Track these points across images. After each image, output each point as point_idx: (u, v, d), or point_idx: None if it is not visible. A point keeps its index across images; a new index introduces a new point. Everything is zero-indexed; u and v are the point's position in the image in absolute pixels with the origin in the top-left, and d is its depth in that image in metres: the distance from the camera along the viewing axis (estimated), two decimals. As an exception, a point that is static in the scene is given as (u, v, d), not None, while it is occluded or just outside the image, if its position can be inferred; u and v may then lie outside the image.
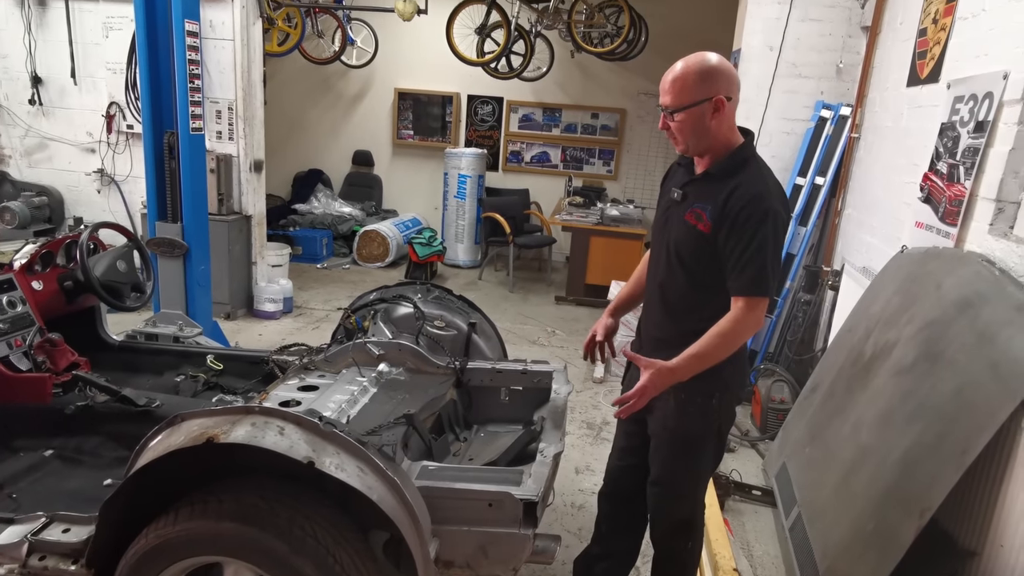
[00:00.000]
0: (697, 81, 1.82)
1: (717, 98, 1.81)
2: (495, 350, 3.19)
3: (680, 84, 1.83)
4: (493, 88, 8.26)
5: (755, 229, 1.80)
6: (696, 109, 1.82)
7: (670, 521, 2.17)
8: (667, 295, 2.03)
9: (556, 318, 6.15)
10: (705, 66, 1.83)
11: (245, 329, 5.36)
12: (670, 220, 2.02)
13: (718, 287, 1.89)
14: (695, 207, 1.91)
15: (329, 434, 1.72)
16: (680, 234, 1.95)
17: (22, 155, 5.88)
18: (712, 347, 1.83)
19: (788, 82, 4.47)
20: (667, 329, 2.05)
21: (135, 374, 3.28)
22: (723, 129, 1.86)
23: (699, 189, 1.93)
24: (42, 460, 2.53)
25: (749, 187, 1.83)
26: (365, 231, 7.62)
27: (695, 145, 1.90)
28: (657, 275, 2.07)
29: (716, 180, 1.88)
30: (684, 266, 1.96)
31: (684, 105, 1.83)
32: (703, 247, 1.89)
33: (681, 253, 1.96)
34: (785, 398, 3.88)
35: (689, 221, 1.91)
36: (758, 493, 3.21)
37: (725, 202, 1.83)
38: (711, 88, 1.81)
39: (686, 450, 2.06)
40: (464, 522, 1.91)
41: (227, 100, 5.26)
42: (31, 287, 2.82)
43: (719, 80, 1.83)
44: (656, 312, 2.09)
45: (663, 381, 1.85)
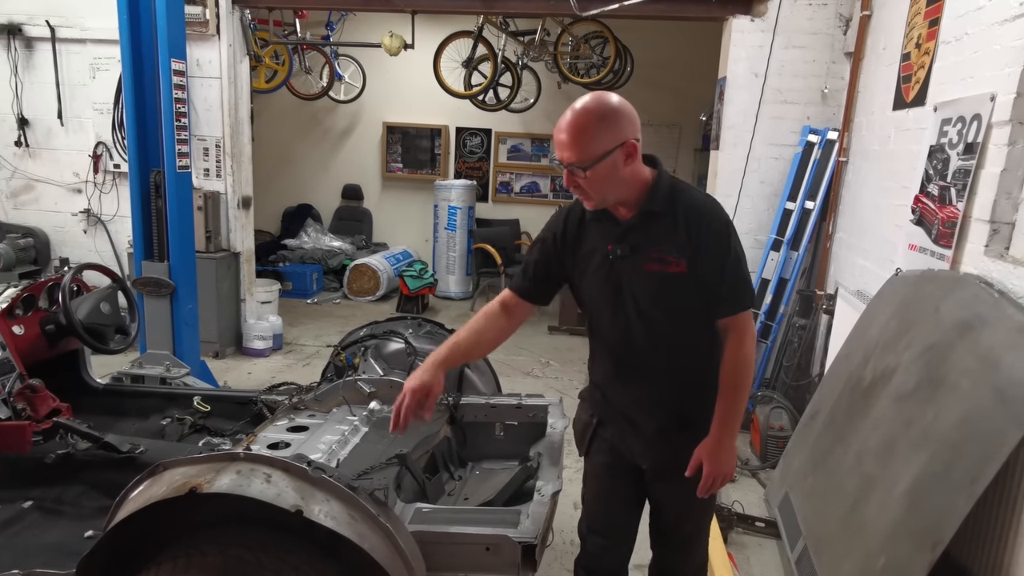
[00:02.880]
0: (602, 130, 1.62)
1: (628, 143, 1.63)
2: (488, 384, 3.14)
3: (584, 136, 1.62)
4: (481, 120, 8.31)
5: (726, 244, 1.72)
6: (607, 160, 1.62)
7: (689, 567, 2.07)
8: (650, 354, 1.82)
9: (550, 348, 6.09)
10: (605, 109, 1.63)
11: (234, 368, 5.27)
12: (623, 280, 1.78)
13: (701, 321, 1.78)
14: (654, 253, 1.73)
15: (318, 480, 1.65)
16: (650, 287, 1.76)
17: (8, 197, 5.83)
18: (737, 390, 1.76)
19: (774, 108, 4.51)
20: (662, 387, 1.86)
21: (120, 418, 3.19)
22: (637, 169, 1.71)
23: (646, 233, 1.74)
24: (20, 512, 2.43)
25: (702, 209, 1.74)
26: (355, 265, 7.58)
27: (609, 197, 1.72)
28: (626, 340, 1.83)
29: (661, 217, 1.72)
30: (666, 316, 1.78)
31: (594, 159, 1.62)
32: (682, 288, 1.73)
33: (657, 305, 1.77)
34: (784, 425, 3.82)
35: (655, 270, 1.73)
36: (761, 525, 3.13)
37: (688, 233, 1.71)
38: (620, 134, 1.62)
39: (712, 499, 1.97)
40: (460, 568, 1.84)
41: (214, 137, 5.25)
42: (11, 332, 2.75)
43: (624, 122, 1.64)
44: (641, 376, 1.86)
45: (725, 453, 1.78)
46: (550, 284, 1.95)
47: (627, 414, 1.92)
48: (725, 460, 1.78)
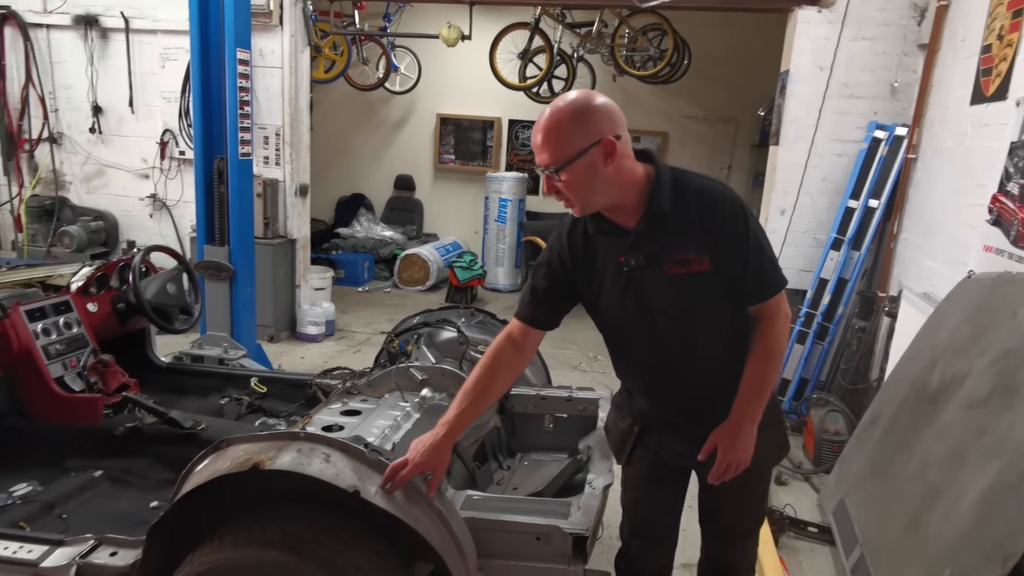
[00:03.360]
0: (572, 129, 1.52)
1: (605, 140, 1.52)
2: (539, 376, 3.14)
3: (554, 136, 1.53)
4: (534, 112, 8.24)
5: (743, 227, 1.60)
6: (581, 161, 1.53)
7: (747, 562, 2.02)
8: (688, 357, 1.74)
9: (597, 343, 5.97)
10: (578, 107, 1.54)
11: (288, 352, 5.40)
12: (642, 288, 1.68)
13: (734, 313, 1.71)
14: (672, 256, 1.63)
15: (375, 462, 1.68)
16: (673, 292, 1.66)
17: (81, 181, 6.09)
18: (769, 371, 1.69)
19: (839, 103, 4.36)
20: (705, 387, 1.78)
21: (181, 396, 3.31)
22: (625, 169, 1.58)
23: (657, 237, 1.63)
24: (92, 480, 2.55)
25: (713, 195, 1.62)
26: (406, 255, 7.68)
27: (594, 201, 1.61)
28: (659, 348, 1.75)
29: (672, 215, 1.61)
30: (697, 317, 1.70)
31: (567, 159, 1.53)
32: (709, 285, 1.64)
33: (686, 308, 1.68)
34: (840, 429, 3.71)
35: (678, 273, 1.63)
36: (814, 530, 3.05)
37: (703, 226, 1.61)
38: (594, 131, 1.52)
39: (757, 485, 1.91)
40: (511, 556, 1.84)
41: (274, 126, 5.38)
42: (86, 309, 2.88)
43: (599, 119, 1.53)
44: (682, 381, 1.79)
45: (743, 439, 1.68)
46: (561, 307, 1.85)
47: (672, 420, 1.85)
48: (742, 447, 1.68)
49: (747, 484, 1.81)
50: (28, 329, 2.57)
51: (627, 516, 2.09)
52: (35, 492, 2.42)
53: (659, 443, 1.89)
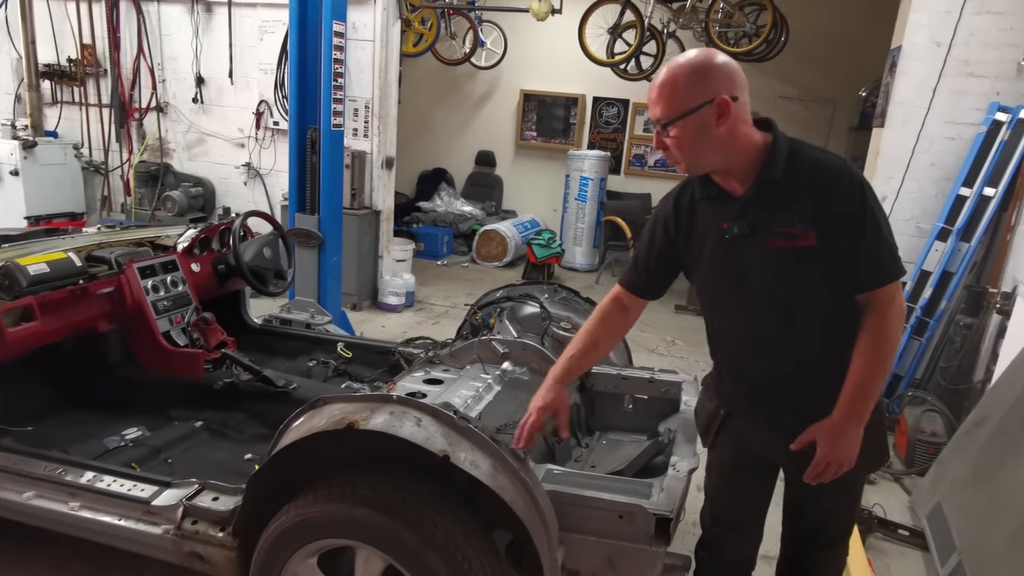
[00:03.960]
0: (690, 83, 1.49)
1: (719, 99, 1.48)
2: (620, 356, 3.10)
3: (670, 90, 1.51)
4: (619, 90, 8.13)
5: (862, 206, 1.51)
6: (693, 118, 1.50)
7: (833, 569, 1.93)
8: (783, 341, 1.66)
9: (676, 327, 5.93)
10: (697, 64, 1.51)
11: (369, 320, 5.56)
12: (742, 260, 1.62)
13: (839, 299, 1.60)
14: (778, 228, 1.55)
15: (464, 429, 1.70)
16: (774, 267, 1.59)
17: (184, 149, 6.42)
18: (881, 366, 1.55)
19: (956, 82, 4.05)
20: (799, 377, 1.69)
21: (271, 356, 3.47)
22: (740, 133, 1.53)
23: (767, 206, 1.56)
24: (193, 430, 2.71)
25: (830, 169, 1.53)
26: (485, 230, 7.73)
27: (702, 161, 1.58)
28: (753, 327, 1.68)
29: (784, 185, 1.54)
30: (797, 297, 1.61)
31: (677, 116, 1.50)
32: (814, 262, 1.55)
33: (787, 286, 1.60)
34: (937, 430, 3.51)
35: (782, 246, 1.55)
36: (905, 533, 2.91)
37: (814, 199, 1.52)
38: (709, 89, 1.49)
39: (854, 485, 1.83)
40: (592, 532, 1.84)
41: (364, 99, 5.49)
42: (190, 269, 3.04)
43: (717, 78, 1.50)
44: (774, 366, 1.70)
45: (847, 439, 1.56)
46: (663, 276, 1.84)
47: (759, 407, 1.77)
48: (845, 446, 1.56)
49: (839, 487, 1.69)
50: (140, 285, 2.73)
51: (709, 502, 2.04)
52: (144, 437, 2.60)
53: (745, 430, 1.83)
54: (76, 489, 2.06)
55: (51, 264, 2.48)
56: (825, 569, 1.91)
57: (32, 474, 2.13)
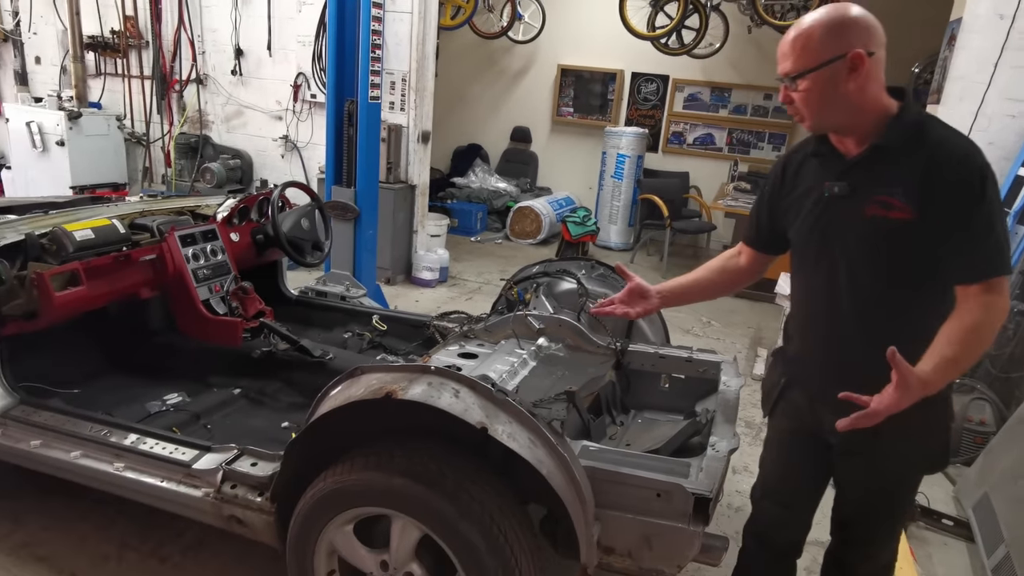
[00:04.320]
0: (825, 36, 1.45)
1: (853, 53, 1.43)
2: (658, 334, 3.05)
3: (803, 41, 1.47)
4: (659, 65, 7.95)
5: (979, 193, 1.42)
6: (824, 71, 1.46)
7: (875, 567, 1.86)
8: (851, 311, 1.61)
9: (711, 308, 5.83)
10: (834, 17, 1.46)
11: (403, 294, 5.58)
12: (837, 224, 1.59)
13: (926, 284, 1.53)
14: (877, 196, 1.50)
15: (502, 402, 1.68)
16: (863, 233, 1.54)
17: (222, 121, 6.48)
18: (961, 350, 1.41)
19: (1020, 56, 3.85)
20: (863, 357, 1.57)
21: (308, 327, 3.49)
22: (870, 93, 1.48)
23: (872, 172, 1.52)
24: (231, 397, 2.75)
25: (952, 147, 1.46)
26: (519, 207, 7.68)
27: (828, 119, 1.54)
28: (832, 293, 1.63)
29: (896, 153, 1.49)
30: (876, 270, 1.56)
31: (808, 68, 1.47)
32: (905, 238, 1.49)
33: (871, 256, 1.55)
34: (986, 419, 3.39)
35: (876, 214, 1.50)
36: (949, 523, 2.83)
37: (927, 175, 1.45)
38: (844, 42, 1.44)
39: (902, 496, 1.74)
40: (629, 509, 1.81)
41: (401, 71, 5.45)
42: (230, 238, 3.07)
43: (854, 31, 1.45)
44: (839, 341, 1.65)
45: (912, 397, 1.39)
46: (772, 230, 1.81)
47: (817, 379, 1.73)
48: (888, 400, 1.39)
49: (885, 475, 1.65)
50: (181, 253, 2.76)
51: (761, 476, 2.02)
52: (184, 402, 2.65)
53: (802, 401, 1.80)
54: (120, 450, 2.11)
55: (96, 231, 2.52)
56: (870, 557, 1.84)
57: (79, 434, 2.18)
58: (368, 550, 1.84)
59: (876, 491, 1.72)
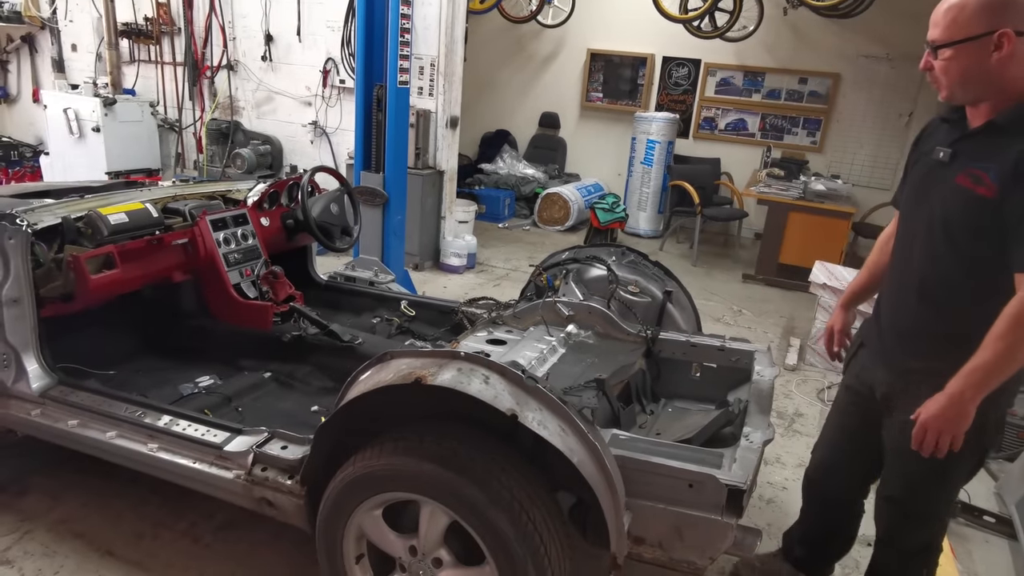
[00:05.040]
0: (978, 10, 1.48)
1: (1002, 31, 1.46)
2: (690, 322, 3.01)
3: (954, 13, 1.51)
4: (690, 49, 7.79)
5: None
6: (969, 45, 1.50)
7: (907, 544, 1.90)
8: (926, 278, 1.69)
9: (743, 297, 5.74)
10: None
11: (431, 280, 5.58)
12: (932, 187, 1.67)
13: (997, 267, 1.53)
14: (971, 168, 1.56)
15: (532, 389, 1.66)
16: (949, 202, 1.60)
17: (253, 107, 6.53)
18: (998, 354, 1.47)
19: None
20: (921, 319, 1.72)
21: (336, 312, 3.51)
22: (1011, 72, 1.50)
23: (977, 145, 1.58)
24: (261, 380, 2.77)
25: None
26: (547, 193, 7.62)
27: (964, 92, 1.58)
28: (912, 255, 1.73)
29: (1004, 134, 1.53)
30: (953, 242, 1.61)
31: (954, 40, 1.51)
32: (982, 216, 1.54)
33: (950, 225, 1.61)
34: (1030, 414, 3.28)
35: (963, 185, 1.56)
36: (991, 520, 2.75)
37: (1018, 161, 1.47)
38: (995, 19, 1.47)
39: (942, 473, 1.74)
40: (660, 499, 1.79)
41: (430, 56, 5.42)
42: (260, 223, 3.08)
43: (1011, 9, 1.47)
44: (908, 298, 1.75)
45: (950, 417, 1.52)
46: None
47: (877, 337, 1.85)
48: (945, 412, 1.52)
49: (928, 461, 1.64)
50: (212, 237, 2.78)
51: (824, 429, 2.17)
52: (216, 385, 2.68)
53: (869, 361, 1.89)
54: (154, 431, 2.14)
55: (130, 214, 2.54)
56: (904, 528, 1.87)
57: (115, 415, 2.22)
58: (397, 535, 1.84)
59: (923, 465, 1.69)
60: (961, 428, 1.53)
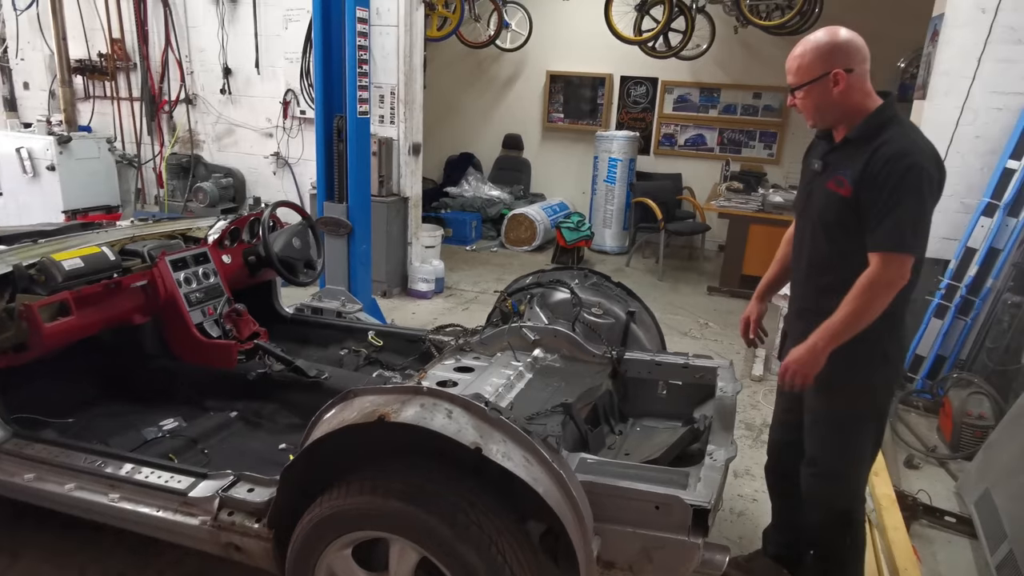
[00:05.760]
0: (815, 58, 1.88)
1: (835, 72, 1.86)
2: (653, 341, 3.05)
3: (799, 62, 1.92)
4: (647, 68, 7.96)
5: (895, 183, 1.79)
6: (814, 85, 1.89)
7: (826, 509, 2.12)
8: (812, 265, 2.06)
9: (709, 309, 5.83)
10: (822, 42, 1.88)
11: (400, 307, 5.57)
12: (813, 193, 2.04)
13: (859, 253, 1.88)
14: (836, 174, 1.94)
15: (496, 421, 1.67)
16: (823, 203, 1.98)
17: (213, 140, 6.48)
18: (849, 314, 1.84)
19: (1003, 50, 3.86)
20: (809, 298, 2.10)
21: (303, 345, 3.49)
22: (852, 99, 1.90)
23: (840, 156, 1.96)
24: (228, 420, 2.74)
25: (891, 145, 1.83)
26: (513, 215, 7.68)
27: (822, 119, 1.97)
28: (803, 248, 2.11)
29: (857, 145, 1.91)
30: (827, 235, 1.99)
31: (803, 83, 1.91)
32: (845, 212, 1.90)
33: (825, 222, 1.98)
34: (985, 413, 3.39)
35: (831, 189, 1.94)
36: (952, 520, 2.82)
37: (867, 163, 1.84)
38: (829, 63, 1.87)
39: (841, 428, 2.04)
40: (628, 523, 1.81)
41: (390, 85, 5.45)
42: (221, 260, 3.06)
43: (836, 55, 1.87)
44: (801, 282, 2.15)
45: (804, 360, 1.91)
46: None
47: (797, 325, 2.14)
48: (800, 357, 1.91)
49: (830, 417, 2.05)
50: (173, 277, 2.76)
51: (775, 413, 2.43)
52: (180, 427, 2.64)
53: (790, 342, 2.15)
54: (116, 480, 2.10)
55: (85, 259, 2.51)
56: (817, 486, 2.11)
57: (73, 466, 2.17)
58: (367, 573, 1.83)
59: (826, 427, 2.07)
60: (812, 371, 1.91)
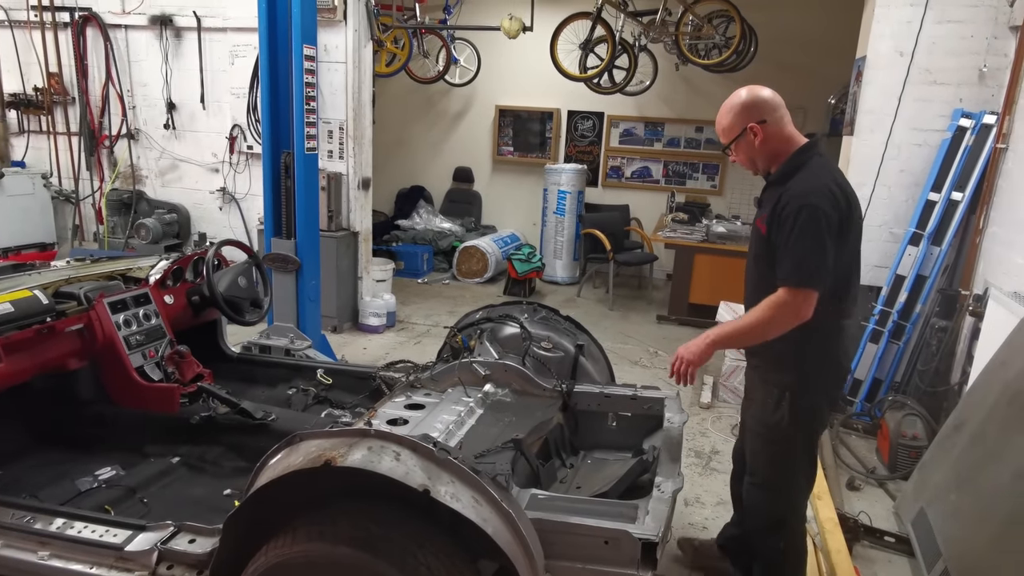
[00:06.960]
0: (732, 119, 2.16)
1: (751, 126, 2.13)
2: (603, 373, 3.09)
3: (722, 124, 2.20)
4: (594, 103, 8.18)
5: (792, 222, 2.00)
6: (740, 141, 2.17)
7: (762, 516, 2.31)
8: (752, 293, 2.25)
9: (658, 338, 5.95)
10: (735, 104, 2.15)
11: (351, 342, 5.50)
12: (753, 230, 2.29)
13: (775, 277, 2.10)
14: (762, 212, 2.18)
15: (444, 461, 1.68)
16: (754, 239, 2.24)
17: (156, 175, 6.35)
18: (744, 324, 2.10)
19: (920, 90, 4.13)
20: None
21: (250, 385, 3.41)
22: (771, 146, 2.15)
23: (765, 197, 2.22)
24: (170, 467, 2.65)
25: (796, 187, 2.05)
26: (465, 247, 7.71)
27: (755, 166, 2.24)
28: (749, 279, 2.32)
29: (775, 187, 2.15)
30: (757, 267, 2.21)
31: (730, 141, 2.20)
32: (766, 248, 2.12)
33: (755, 256, 2.22)
34: (919, 434, 3.54)
35: (758, 226, 2.20)
36: (891, 540, 2.92)
37: (774, 204, 2.07)
38: (744, 119, 2.14)
39: (772, 442, 2.22)
40: (578, 559, 1.82)
41: (338, 120, 5.46)
42: (163, 301, 2.99)
43: (748, 111, 2.14)
44: (748, 309, 2.29)
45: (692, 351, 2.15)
46: None
47: (748, 355, 2.39)
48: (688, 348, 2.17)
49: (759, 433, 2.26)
50: (111, 320, 2.67)
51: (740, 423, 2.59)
52: (118, 476, 2.54)
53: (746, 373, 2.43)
54: (45, 537, 2.00)
55: (15, 303, 2.41)
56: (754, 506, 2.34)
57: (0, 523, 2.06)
58: (315, 623, 1.78)
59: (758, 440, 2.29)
60: (698, 363, 2.15)
